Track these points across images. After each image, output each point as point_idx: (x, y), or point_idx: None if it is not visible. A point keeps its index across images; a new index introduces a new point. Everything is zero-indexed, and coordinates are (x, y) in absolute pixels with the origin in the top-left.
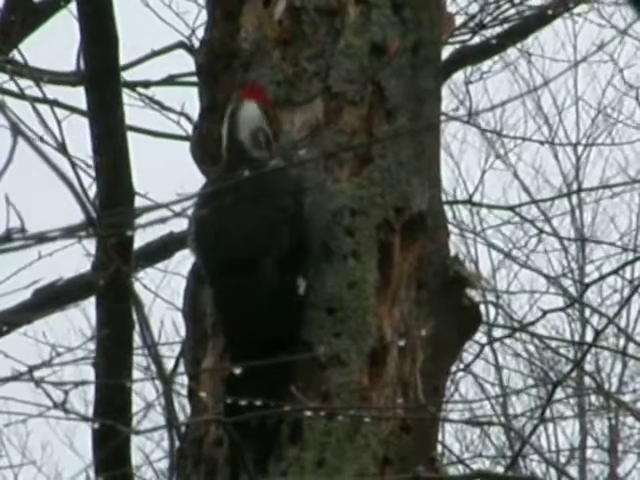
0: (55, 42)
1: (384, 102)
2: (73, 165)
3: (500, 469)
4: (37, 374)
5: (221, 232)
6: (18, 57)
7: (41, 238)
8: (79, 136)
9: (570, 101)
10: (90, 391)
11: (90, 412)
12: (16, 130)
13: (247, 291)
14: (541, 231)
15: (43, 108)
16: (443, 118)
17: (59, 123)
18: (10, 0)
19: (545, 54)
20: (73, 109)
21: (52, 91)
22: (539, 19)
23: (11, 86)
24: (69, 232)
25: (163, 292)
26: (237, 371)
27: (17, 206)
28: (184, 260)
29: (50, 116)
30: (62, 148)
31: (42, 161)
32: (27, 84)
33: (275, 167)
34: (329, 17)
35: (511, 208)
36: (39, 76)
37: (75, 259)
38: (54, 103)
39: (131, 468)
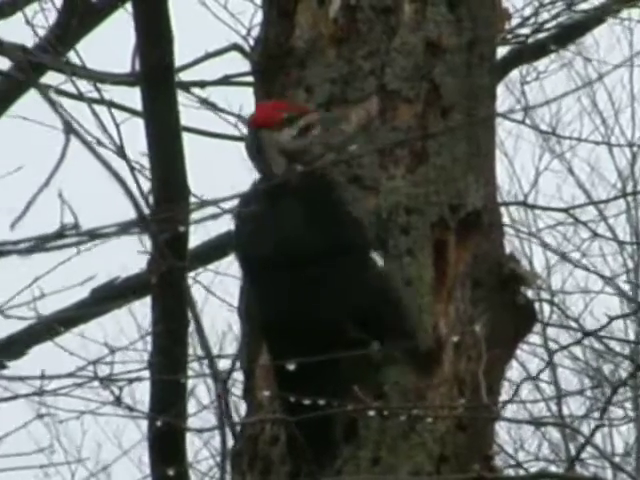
0: (110, 42)
1: (439, 100)
2: (132, 168)
3: (553, 469)
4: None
5: (271, 230)
6: (75, 58)
7: (94, 235)
8: (136, 138)
9: (626, 97)
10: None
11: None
12: (69, 128)
13: (304, 289)
14: (595, 234)
15: (100, 111)
16: (498, 117)
17: (117, 126)
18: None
19: (600, 49)
20: (128, 110)
21: (108, 92)
22: (595, 19)
23: (68, 87)
24: (122, 229)
25: (216, 291)
26: (291, 367)
27: (71, 203)
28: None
29: (107, 118)
30: (120, 151)
31: (95, 159)
32: (85, 87)
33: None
34: (384, 15)
35: (565, 210)
36: (95, 76)
37: (131, 257)
38: (110, 104)
39: (186, 465)
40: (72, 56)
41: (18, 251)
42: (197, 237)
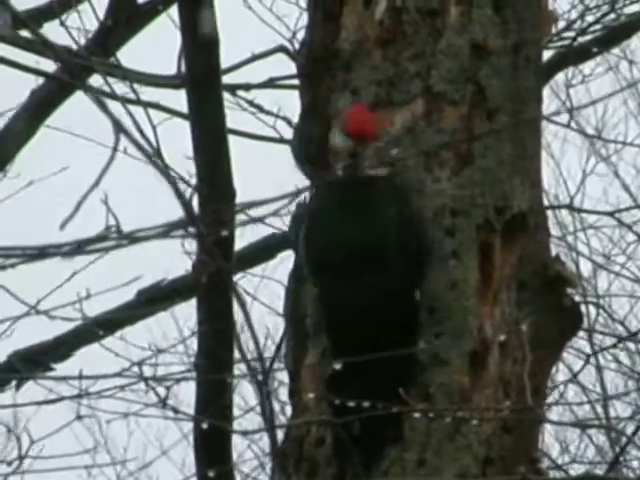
0: (157, 44)
1: (485, 102)
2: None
3: (599, 472)
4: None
5: (336, 231)
6: (118, 60)
7: (135, 237)
8: (174, 139)
9: None
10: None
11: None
12: (119, 128)
13: (364, 291)
14: None
15: (138, 113)
16: (544, 120)
17: (154, 128)
18: (114, 1)
19: None
20: (173, 112)
21: (153, 94)
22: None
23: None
24: (165, 231)
25: (261, 296)
26: (337, 367)
27: (114, 205)
28: (282, 262)
29: (145, 120)
30: (157, 153)
31: (145, 160)
32: (126, 89)
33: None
34: (430, 17)
35: (611, 214)
36: (140, 79)
37: (177, 258)
38: (154, 106)
39: (232, 466)
40: (120, 58)
41: (62, 253)
42: (243, 239)
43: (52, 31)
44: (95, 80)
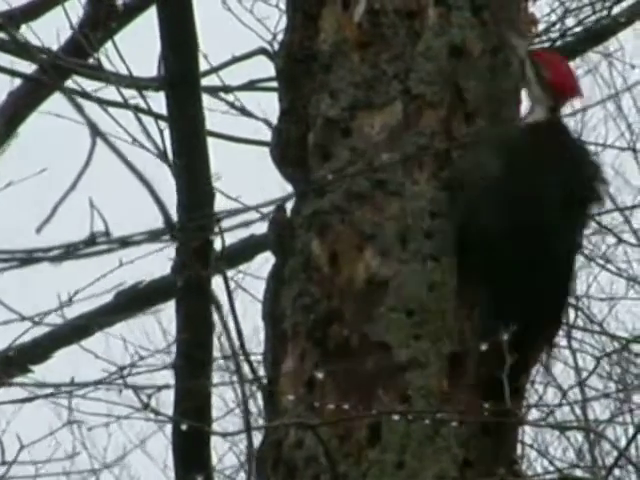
0: (137, 45)
1: (463, 104)
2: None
3: (578, 472)
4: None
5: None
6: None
7: (124, 242)
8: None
9: None
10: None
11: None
12: (95, 131)
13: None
14: (620, 239)
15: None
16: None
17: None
18: (93, 2)
19: (625, 53)
20: (153, 114)
21: (133, 95)
22: (621, 23)
23: (106, 94)
24: (153, 236)
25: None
26: (319, 375)
27: (102, 210)
28: (266, 263)
29: (130, 120)
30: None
31: (122, 163)
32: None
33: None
34: (408, 19)
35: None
36: (121, 81)
37: (157, 262)
38: (134, 108)
39: (211, 470)
40: (101, 60)
41: (49, 258)
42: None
43: (36, 30)
44: (74, 81)
